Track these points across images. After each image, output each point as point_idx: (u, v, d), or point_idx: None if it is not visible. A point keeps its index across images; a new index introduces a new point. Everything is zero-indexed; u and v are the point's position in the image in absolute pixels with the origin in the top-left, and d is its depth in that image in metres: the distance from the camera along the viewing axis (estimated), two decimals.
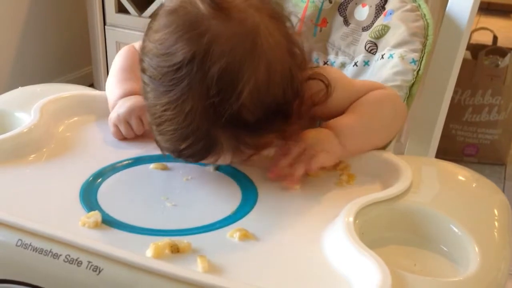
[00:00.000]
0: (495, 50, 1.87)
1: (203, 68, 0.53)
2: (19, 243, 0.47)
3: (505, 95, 1.82)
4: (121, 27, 1.95)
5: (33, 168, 0.63)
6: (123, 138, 0.71)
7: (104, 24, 1.98)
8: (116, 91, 0.74)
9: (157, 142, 0.60)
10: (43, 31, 2.05)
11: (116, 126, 0.70)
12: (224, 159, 0.59)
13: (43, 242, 0.46)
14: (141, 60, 0.59)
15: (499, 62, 1.84)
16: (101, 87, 2.06)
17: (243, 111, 0.54)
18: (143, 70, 0.58)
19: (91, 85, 2.17)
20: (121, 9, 1.95)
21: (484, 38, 1.90)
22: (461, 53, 0.82)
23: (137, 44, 0.80)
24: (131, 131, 0.70)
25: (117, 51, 1.98)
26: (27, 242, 0.47)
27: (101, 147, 0.70)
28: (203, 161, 0.60)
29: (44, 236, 0.47)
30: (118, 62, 0.78)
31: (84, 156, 0.67)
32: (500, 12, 3.27)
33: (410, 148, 0.88)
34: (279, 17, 0.59)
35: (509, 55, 1.81)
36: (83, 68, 2.24)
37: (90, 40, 2.05)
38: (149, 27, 0.59)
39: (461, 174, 0.68)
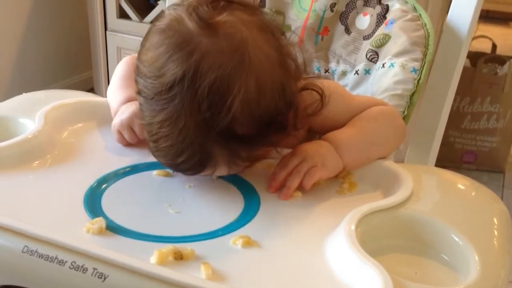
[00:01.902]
0: (494, 58, 1.88)
1: (193, 85, 0.54)
2: (25, 249, 0.47)
3: (503, 103, 1.83)
4: (122, 32, 1.97)
5: (37, 174, 0.64)
6: (127, 144, 0.71)
7: (105, 29, 1.99)
8: (118, 97, 0.75)
9: (155, 157, 0.62)
10: (44, 35, 2.06)
11: (119, 132, 0.71)
12: (220, 171, 0.60)
13: (49, 248, 0.47)
14: (136, 82, 0.61)
15: (498, 70, 1.85)
16: (101, 92, 2.07)
17: (234, 124, 0.55)
18: (139, 92, 0.60)
19: (91, 89, 2.18)
20: (123, 15, 1.96)
21: (483, 46, 1.92)
22: (461, 62, 0.83)
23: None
24: (134, 136, 0.71)
25: (117, 56, 2.00)
26: (33, 249, 0.47)
27: (105, 153, 0.70)
28: (201, 174, 0.61)
29: (50, 243, 0.47)
30: (119, 70, 0.79)
31: (87, 162, 0.68)
32: (499, 20, 3.29)
33: (410, 156, 0.89)
34: (269, 29, 0.60)
35: (508, 63, 1.82)
36: (83, 72, 2.25)
37: (91, 45, 2.06)
38: (142, 45, 0.61)
39: (461, 182, 0.69)
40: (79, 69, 2.24)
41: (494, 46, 1.92)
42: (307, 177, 0.62)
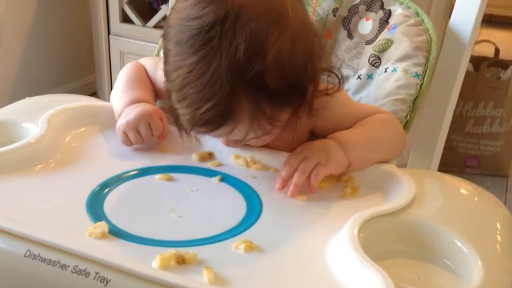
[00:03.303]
0: (497, 63, 1.88)
1: (234, 27, 0.56)
2: (28, 253, 0.47)
3: (507, 107, 1.83)
4: (125, 36, 1.97)
5: (40, 179, 0.64)
6: (131, 145, 0.71)
7: (109, 33, 1.99)
8: (122, 99, 0.75)
9: (173, 115, 0.61)
10: (47, 39, 2.07)
11: (125, 133, 0.71)
12: (239, 132, 0.60)
13: (52, 252, 0.47)
14: (166, 32, 0.62)
15: (501, 75, 1.85)
16: (104, 95, 2.08)
17: (265, 75, 0.57)
18: (167, 38, 0.61)
19: (94, 93, 2.18)
20: (126, 19, 1.97)
21: (486, 50, 1.91)
22: (464, 66, 0.83)
23: (143, 61, 0.82)
24: (140, 137, 0.71)
25: (121, 60, 2.00)
26: (36, 253, 0.47)
27: (107, 158, 0.70)
28: (218, 132, 0.60)
29: (52, 247, 0.47)
30: (123, 74, 0.79)
31: (90, 166, 0.68)
32: (502, 24, 3.29)
33: (413, 161, 0.89)
34: (303, 4, 0.64)
35: (511, 67, 1.82)
36: (86, 76, 2.26)
37: (94, 49, 2.07)
38: (177, 1, 0.62)
39: (464, 187, 0.69)
40: (82, 73, 2.24)
41: (497, 51, 1.91)
42: (313, 176, 0.62)
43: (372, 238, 0.54)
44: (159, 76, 0.79)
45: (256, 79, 0.56)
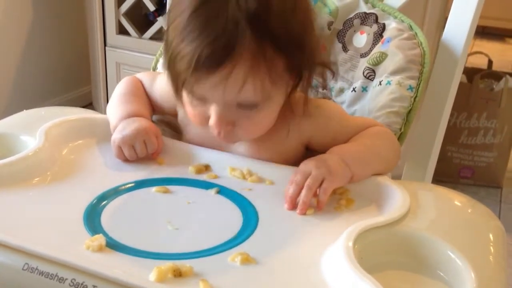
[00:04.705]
0: (490, 74, 1.90)
1: None
2: (26, 267, 0.48)
3: (500, 119, 1.84)
4: (122, 48, 1.98)
5: (37, 191, 0.64)
6: (125, 160, 0.72)
7: (105, 45, 2.00)
8: (118, 112, 0.76)
9: (179, 46, 0.62)
10: (43, 51, 2.07)
11: (119, 147, 0.71)
12: (236, 77, 0.60)
13: (49, 266, 0.47)
14: None
15: (494, 86, 1.87)
16: (100, 106, 2.08)
17: (271, 18, 0.61)
18: None
19: (90, 104, 2.19)
20: (122, 31, 1.98)
21: (479, 61, 1.93)
22: (457, 78, 0.84)
23: (139, 75, 0.83)
24: (134, 154, 0.71)
25: (117, 72, 2.01)
26: (34, 266, 0.48)
27: (104, 170, 0.71)
28: (215, 77, 0.60)
29: (50, 260, 0.48)
30: (120, 88, 0.80)
31: (87, 179, 0.68)
32: (495, 36, 3.32)
33: (407, 172, 0.89)
34: None
35: (504, 79, 1.84)
36: (81, 87, 2.26)
37: (90, 61, 2.08)
38: None
39: (457, 200, 0.70)
40: (77, 84, 2.25)
41: (490, 62, 1.93)
42: (321, 192, 0.63)
43: (367, 250, 0.55)
44: (156, 90, 0.80)
45: (262, 18, 0.60)
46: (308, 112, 0.69)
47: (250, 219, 0.62)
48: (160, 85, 0.80)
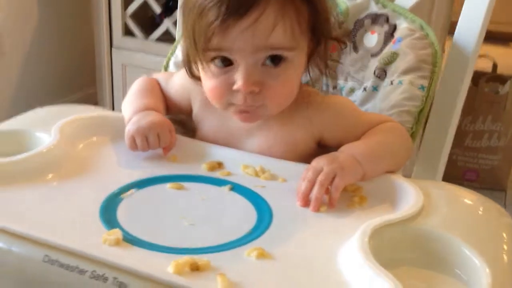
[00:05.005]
0: (495, 78, 1.90)
1: None
2: (46, 259, 0.48)
3: (505, 122, 1.85)
4: (128, 49, 1.99)
5: (51, 187, 0.65)
6: (136, 150, 0.72)
7: (111, 46, 2.01)
8: (134, 105, 0.77)
9: (199, 11, 0.64)
10: (49, 51, 2.08)
11: (133, 137, 0.72)
12: (266, 21, 0.62)
13: (70, 258, 0.48)
14: None
15: (499, 89, 1.87)
16: (105, 108, 2.09)
17: None
18: None
19: (95, 106, 2.18)
20: (128, 32, 1.98)
21: (484, 65, 1.94)
22: (468, 78, 0.84)
23: (155, 75, 0.84)
24: (146, 145, 0.72)
25: (122, 73, 2.02)
26: (54, 258, 0.48)
27: (118, 167, 0.71)
28: (243, 23, 0.62)
29: (70, 252, 0.48)
30: (136, 86, 0.81)
31: (101, 175, 0.69)
32: (499, 40, 3.32)
33: (417, 172, 0.90)
34: None
35: (509, 82, 1.84)
36: (87, 89, 2.27)
37: (96, 62, 2.08)
38: None
39: (468, 197, 0.70)
40: (82, 86, 2.25)
41: (494, 66, 1.94)
42: (333, 189, 0.63)
43: (382, 247, 0.55)
44: (171, 87, 0.81)
45: None
46: (319, 103, 0.70)
47: (264, 216, 0.62)
48: (175, 81, 0.81)
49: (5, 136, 0.73)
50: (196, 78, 0.73)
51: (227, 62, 0.66)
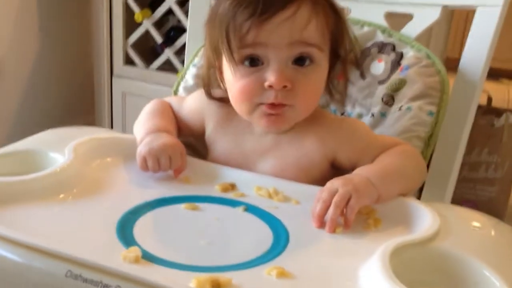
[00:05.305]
0: (491, 110, 1.93)
1: None
2: (69, 274, 0.48)
3: (502, 154, 1.87)
4: (128, 77, 2.00)
5: (65, 206, 0.64)
6: (147, 171, 0.72)
7: (111, 74, 2.03)
8: (146, 126, 0.77)
9: (235, 10, 0.67)
10: (48, 79, 2.09)
11: (144, 158, 0.72)
12: (301, 17, 0.66)
13: (93, 273, 0.47)
14: None
15: (495, 122, 1.90)
16: None
17: None
18: None
19: None
20: (128, 61, 2.00)
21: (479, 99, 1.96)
22: (475, 103, 0.86)
23: (167, 98, 0.85)
24: (157, 167, 0.72)
25: (122, 101, 2.03)
26: (77, 273, 0.47)
27: (132, 187, 0.71)
28: (279, 17, 0.66)
29: (93, 267, 0.47)
30: (148, 107, 0.82)
31: (116, 195, 0.68)
32: (490, 76, 3.38)
33: (425, 196, 0.90)
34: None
35: (504, 115, 1.87)
36: (86, 116, 2.27)
37: (95, 90, 2.09)
38: None
39: (480, 219, 0.70)
40: (81, 113, 2.25)
41: (489, 99, 1.97)
42: (348, 210, 0.63)
43: (401, 268, 0.55)
44: (184, 109, 0.82)
45: None
46: (332, 123, 0.72)
47: (280, 236, 0.62)
48: (189, 103, 0.82)
49: (18, 156, 0.73)
50: (213, 98, 0.75)
51: (257, 63, 0.69)
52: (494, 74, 3.40)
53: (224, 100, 0.77)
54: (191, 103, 0.82)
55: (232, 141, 0.77)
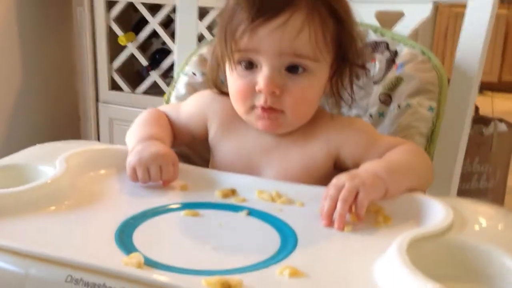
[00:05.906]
0: (479, 119, 1.94)
1: None
2: (69, 278, 0.44)
3: (492, 163, 1.86)
4: (114, 103, 1.97)
5: (58, 218, 0.61)
6: (137, 182, 0.69)
7: (97, 100, 1.99)
8: (138, 134, 0.75)
9: (233, 11, 0.66)
10: (32, 108, 2.05)
11: (134, 169, 0.69)
12: (294, 24, 0.64)
13: (95, 276, 0.44)
14: None
15: (483, 130, 1.90)
16: None
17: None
18: None
19: None
20: (114, 87, 1.98)
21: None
22: (474, 96, 0.85)
23: (162, 107, 0.82)
24: (147, 177, 0.69)
25: (109, 127, 1.99)
26: (77, 277, 0.44)
27: (127, 198, 0.68)
28: (273, 23, 0.64)
29: (94, 270, 0.44)
30: (141, 116, 0.80)
31: (111, 204, 0.66)
32: None
33: (430, 194, 0.88)
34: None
35: (492, 123, 1.88)
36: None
37: (81, 117, 2.06)
38: None
39: (489, 210, 0.69)
40: (67, 139, 2.21)
41: (477, 108, 1.98)
42: (358, 205, 0.60)
43: (418, 261, 0.52)
44: (183, 115, 0.79)
45: None
46: (336, 122, 0.70)
47: (288, 237, 0.59)
48: (189, 106, 0.79)
49: (7, 170, 0.70)
50: (222, 93, 0.74)
51: (252, 66, 0.68)
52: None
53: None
54: (191, 107, 0.80)
55: (236, 142, 0.75)
